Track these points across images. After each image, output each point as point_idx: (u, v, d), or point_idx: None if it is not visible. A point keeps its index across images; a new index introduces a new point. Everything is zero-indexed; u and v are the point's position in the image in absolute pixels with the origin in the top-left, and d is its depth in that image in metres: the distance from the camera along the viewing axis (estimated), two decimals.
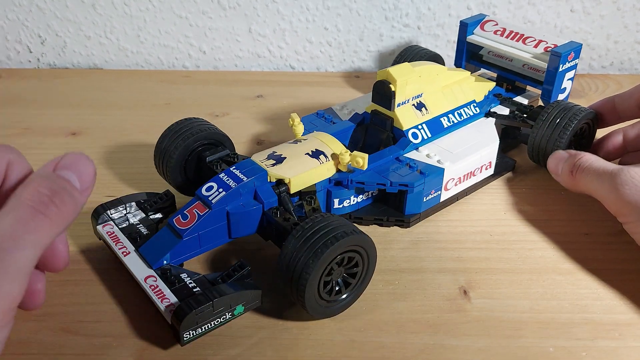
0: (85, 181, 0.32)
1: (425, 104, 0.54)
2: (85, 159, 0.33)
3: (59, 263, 0.35)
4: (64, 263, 0.35)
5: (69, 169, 0.32)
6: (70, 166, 0.32)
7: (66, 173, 0.32)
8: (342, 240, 0.39)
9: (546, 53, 0.60)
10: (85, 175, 0.32)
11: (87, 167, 0.33)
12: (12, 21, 0.81)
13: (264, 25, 0.81)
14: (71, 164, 0.32)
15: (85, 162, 0.33)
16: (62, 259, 0.35)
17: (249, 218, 0.45)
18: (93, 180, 0.33)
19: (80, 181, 0.32)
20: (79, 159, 0.33)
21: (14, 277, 0.28)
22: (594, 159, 0.50)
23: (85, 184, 0.32)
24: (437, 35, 0.81)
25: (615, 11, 0.79)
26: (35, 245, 0.29)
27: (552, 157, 0.53)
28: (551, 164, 0.53)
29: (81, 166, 0.32)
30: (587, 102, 0.73)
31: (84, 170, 0.32)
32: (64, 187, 0.31)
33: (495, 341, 0.41)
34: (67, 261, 0.35)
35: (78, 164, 0.32)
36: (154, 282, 0.41)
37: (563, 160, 0.52)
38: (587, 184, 0.49)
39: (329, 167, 0.49)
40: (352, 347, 0.40)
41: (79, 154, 0.33)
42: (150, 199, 0.49)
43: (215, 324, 0.39)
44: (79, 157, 0.33)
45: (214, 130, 0.52)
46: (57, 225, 0.30)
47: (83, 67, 0.85)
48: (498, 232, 0.51)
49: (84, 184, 0.32)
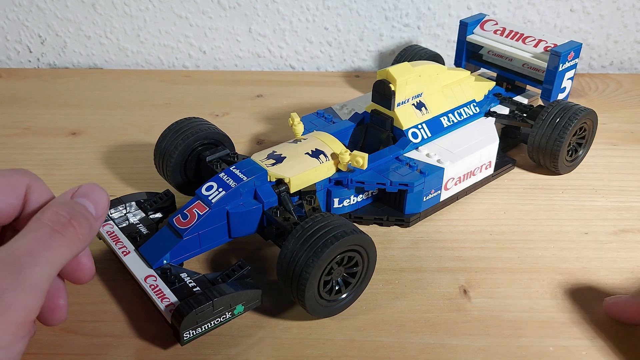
0: (100, 209, 0.35)
1: (425, 104, 0.54)
2: (100, 189, 0.35)
3: (85, 276, 0.37)
4: (90, 275, 0.37)
5: (85, 197, 0.34)
6: (87, 195, 0.35)
7: (83, 200, 0.34)
8: (342, 240, 0.39)
9: (546, 52, 0.60)
10: (101, 204, 0.35)
11: (102, 197, 0.35)
12: (12, 21, 0.81)
13: (264, 25, 0.81)
14: (87, 192, 0.35)
15: (100, 192, 0.35)
16: (88, 271, 0.37)
17: (248, 218, 0.45)
18: (107, 208, 0.35)
19: (96, 208, 0.35)
20: (95, 189, 0.35)
21: (30, 291, 0.29)
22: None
23: (100, 212, 0.35)
24: (437, 35, 0.81)
25: (615, 11, 0.79)
26: (52, 262, 0.31)
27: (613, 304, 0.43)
28: (613, 306, 0.43)
29: (97, 195, 0.35)
30: (587, 101, 0.74)
31: (99, 199, 0.35)
32: (82, 212, 0.33)
33: (495, 341, 0.41)
34: (93, 273, 0.37)
35: (94, 193, 0.35)
36: (154, 282, 0.41)
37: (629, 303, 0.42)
38: None
39: (329, 166, 0.49)
40: (352, 347, 0.40)
41: (95, 184, 0.36)
42: (150, 199, 0.49)
43: (215, 323, 0.39)
44: (94, 187, 0.35)
45: (214, 129, 0.52)
46: (73, 246, 0.32)
47: (83, 67, 0.85)
48: (498, 232, 0.51)
49: (99, 211, 0.35)
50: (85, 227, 0.33)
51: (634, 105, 0.74)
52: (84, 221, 0.33)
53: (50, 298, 0.36)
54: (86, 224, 0.33)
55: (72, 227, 0.32)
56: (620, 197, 0.56)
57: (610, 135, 0.66)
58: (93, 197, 0.35)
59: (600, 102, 0.74)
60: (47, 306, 0.36)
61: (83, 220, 0.33)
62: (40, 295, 0.30)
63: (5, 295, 0.29)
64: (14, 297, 0.29)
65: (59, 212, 0.33)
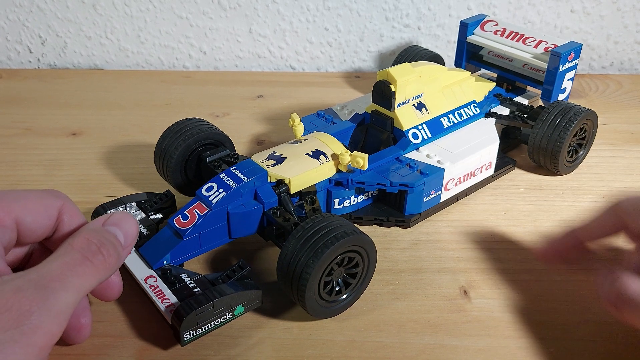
0: (129, 238, 0.36)
1: (425, 104, 0.55)
2: (131, 218, 0.37)
3: (113, 294, 0.38)
4: (118, 293, 0.39)
5: (116, 226, 0.36)
6: (118, 224, 0.36)
7: (114, 229, 0.36)
8: (343, 241, 0.39)
9: (546, 53, 0.60)
10: (130, 233, 0.36)
11: (132, 226, 0.36)
12: (12, 22, 0.81)
13: (265, 25, 0.81)
14: (118, 222, 0.36)
15: (131, 222, 0.36)
16: (117, 289, 0.38)
17: (249, 218, 0.45)
18: (136, 238, 0.37)
19: (125, 237, 0.36)
20: (126, 218, 0.36)
21: (56, 316, 0.30)
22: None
23: (129, 241, 0.36)
24: (437, 35, 0.81)
25: (615, 11, 0.79)
26: (79, 289, 0.32)
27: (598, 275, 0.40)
28: (597, 282, 0.40)
29: (127, 225, 0.36)
30: (587, 102, 0.74)
31: (128, 228, 0.36)
32: (111, 241, 0.34)
33: (495, 341, 0.41)
34: (120, 291, 0.39)
35: (125, 223, 0.36)
36: (154, 282, 0.41)
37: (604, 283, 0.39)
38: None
39: (329, 167, 0.49)
40: (353, 347, 0.40)
41: (125, 213, 0.37)
42: (151, 199, 0.49)
43: (215, 324, 0.39)
44: (125, 216, 0.37)
45: (214, 130, 0.52)
46: (100, 274, 0.33)
47: (83, 68, 0.85)
48: (498, 232, 0.51)
49: (128, 240, 0.36)
50: (114, 255, 0.34)
51: (634, 105, 0.74)
52: (113, 250, 0.34)
53: (76, 317, 0.37)
54: (114, 253, 0.34)
55: (102, 255, 0.33)
56: None
57: (611, 136, 0.66)
58: (123, 226, 0.36)
59: (601, 102, 0.74)
60: (72, 325, 0.37)
61: (112, 249, 0.34)
62: (65, 320, 0.31)
63: (33, 318, 0.29)
64: (40, 321, 0.29)
65: (90, 239, 0.33)
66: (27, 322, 0.29)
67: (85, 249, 0.33)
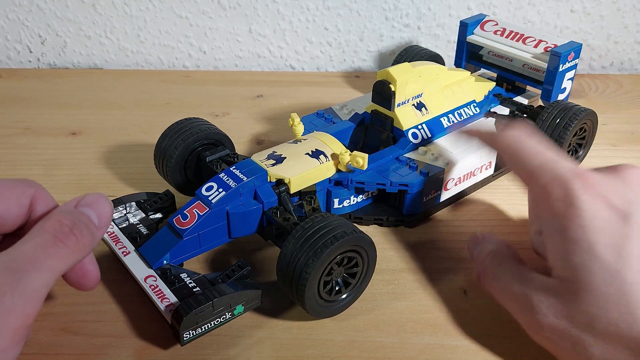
0: (103, 219, 0.35)
1: (425, 104, 0.54)
2: (104, 199, 0.36)
3: (90, 282, 0.37)
4: (95, 282, 0.38)
5: (89, 207, 0.35)
6: (91, 205, 0.35)
7: (87, 210, 0.35)
8: (342, 240, 0.39)
9: (546, 53, 0.60)
10: (104, 214, 0.35)
11: (105, 207, 0.36)
12: (12, 21, 0.81)
13: (264, 25, 0.81)
14: (92, 203, 0.35)
15: (104, 202, 0.36)
16: (93, 278, 0.37)
17: (248, 218, 0.45)
18: (110, 218, 0.36)
19: (99, 218, 0.35)
20: (99, 199, 0.36)
21: (29, 297, 0.30)
22: (502, 266, 0.40)
23: (103, 222, 0.35)
24: (437, 35, 0.81)
25: (616, 11, 0.79)
26: (53, 270, 0.31)
27: (469, 240, 0.44)
28: (469, 249, 0.44)
29: (101, 206, 0.35)
30: (587, 102, 0.74)
31: (102, 209, 0.35)
32: (84, 222, 0.34)
33: (495, 341, 0.41)
34: (98, 280, 0.38)
35: (98, 204, 0.35)
36: (154, 282, 0.41)
37: (476, 252, 0.43)
38: (501, 301, 0.40)
39: (329, 167, 0.49)
40: (352, 347, 0.40)
41: (99, 194, 0.36)
42: (150, 199, 0.49)
43: (215, 323, 0.39)
44: (99, 197, 0.36)
45: (214, 130, 0.52)
46: (74, 255, 0.33)
47: (83, 67, 0.85)
48: (498, 232, 0.51)
49: (102, 221, 0.35)
50: (87, 236, 0.34)
51: (634, 105, 0.74)
52: (86, 231, 0.34)
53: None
54: (88, 234, 0.34)
55: (74, 236, 0.33)
56: None
57: (611, 136, 0.66)
58: (97, 207, 0.35)
59: (601, 102, 0.74)
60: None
61: (85, 229, 0.34)
62: (39, 301, 0.31)
63: (5, 299, 0.29)
64: (13, 302, 0.29)
65: (61, 220, 0.33)
66: (0, 304, 0.29)
67: (57, 230, 0.32)
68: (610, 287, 0.33)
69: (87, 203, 0.35)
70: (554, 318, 0.35)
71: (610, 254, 0.33)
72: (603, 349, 0.33)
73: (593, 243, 0.34)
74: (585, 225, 0.34)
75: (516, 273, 0.39)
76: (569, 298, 0.34)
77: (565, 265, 0.35)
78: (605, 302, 0.33)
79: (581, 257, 0.34)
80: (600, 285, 0.33)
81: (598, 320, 0.33)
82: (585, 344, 0.34)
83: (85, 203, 0.35)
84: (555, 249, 0.36)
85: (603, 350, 0.33)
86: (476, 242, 0.44)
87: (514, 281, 0.38)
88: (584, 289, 0.34)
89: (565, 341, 0.35)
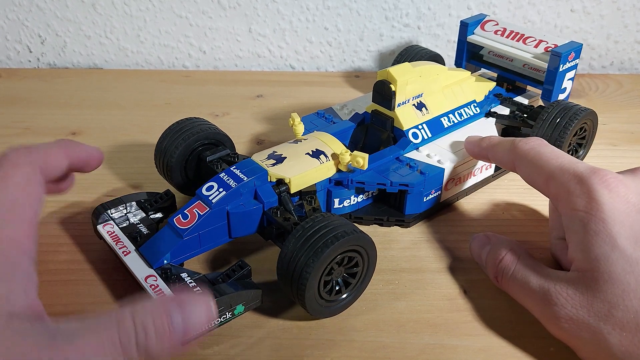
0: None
1: (425, 104, 0.54)
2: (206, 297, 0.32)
3: (95, 162, 0.41)
4: (100, 161, 0.41)
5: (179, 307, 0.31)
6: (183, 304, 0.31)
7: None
8: (342, 240, 0.39)
9: (546, 53, 0.60)
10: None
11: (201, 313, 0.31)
12: (12, 21, 0.81)
13: (264, 25, 0.81)
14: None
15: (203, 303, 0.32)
16: (97, 159, 0.41)
17: (249, 218, 0.45)
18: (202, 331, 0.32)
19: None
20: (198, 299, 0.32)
21: None
22: (518, 263, 0.41)
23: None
24: (437, 35, 0.81)
25: (616, 11, 0.79)
26: None
27: (473, 241, 0.46)
28: (474, 250, 0.46)
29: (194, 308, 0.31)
30: (587, 102, 0.74)
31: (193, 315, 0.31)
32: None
33: (495, 341, 0.41)
34: (101, 159, 0.41)
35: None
36: (155, 282, 0.41)
37: (484, 253, 0.44)
38: (519, 298, 0.41)
39: (329, 167, 0.49)
40: (352, 347, 0.40)
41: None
42: (151, 199, 0.49)
43: (215, 323, 0.39)
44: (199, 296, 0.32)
45: (214, 130, 0.52)
46: None
47: (83, 67, 0.85)
48: (498, 232, 0.51)
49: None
50: None
51: (634, 105, 0.74)
52: None
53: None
54: None
55: None
56: None
57: (611, 136, 0.66)
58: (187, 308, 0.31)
59: (601, 102, 0.74)
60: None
61: None
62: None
63: None
64: None
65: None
66: None
67: None
68: (630, 275, 0.34)
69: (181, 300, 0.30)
70: (573, 309, 0.36)
71: (630, 245, 0.35)
72: (621, 337, 0.34)
73: (614, 234, 0.35)
74: (606, 218, 0.36)
75: (533, 269, 0.40)
76: (588, 288, 0.35)
77: (586, 257, 0.36)
78: (624, 291, 0.34)
79: (602, 248, 0.35)
80: (620, 274, 0.34)
81: (617, 308, 0.34)
82: (604, 333, 0.34)
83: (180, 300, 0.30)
84: (577, 242, 0.37)
85: (621, 339, 0.34)
86: (483, 243, 0.45)
87: (532, 277, 0.39)
88: (603, 278, 0.35)
89: (584, 332, 0.36)
